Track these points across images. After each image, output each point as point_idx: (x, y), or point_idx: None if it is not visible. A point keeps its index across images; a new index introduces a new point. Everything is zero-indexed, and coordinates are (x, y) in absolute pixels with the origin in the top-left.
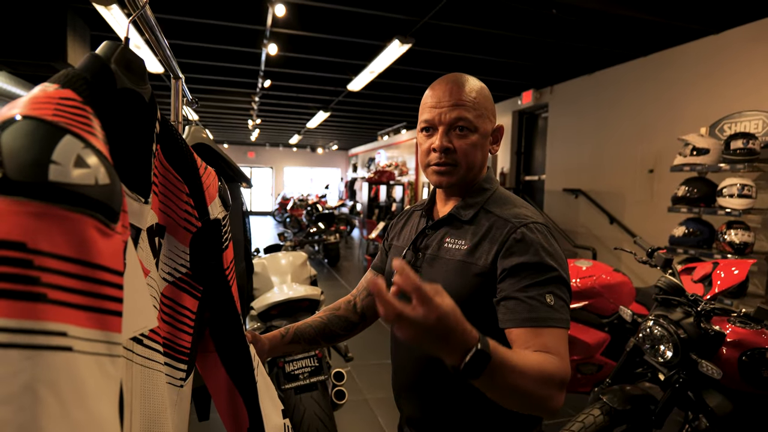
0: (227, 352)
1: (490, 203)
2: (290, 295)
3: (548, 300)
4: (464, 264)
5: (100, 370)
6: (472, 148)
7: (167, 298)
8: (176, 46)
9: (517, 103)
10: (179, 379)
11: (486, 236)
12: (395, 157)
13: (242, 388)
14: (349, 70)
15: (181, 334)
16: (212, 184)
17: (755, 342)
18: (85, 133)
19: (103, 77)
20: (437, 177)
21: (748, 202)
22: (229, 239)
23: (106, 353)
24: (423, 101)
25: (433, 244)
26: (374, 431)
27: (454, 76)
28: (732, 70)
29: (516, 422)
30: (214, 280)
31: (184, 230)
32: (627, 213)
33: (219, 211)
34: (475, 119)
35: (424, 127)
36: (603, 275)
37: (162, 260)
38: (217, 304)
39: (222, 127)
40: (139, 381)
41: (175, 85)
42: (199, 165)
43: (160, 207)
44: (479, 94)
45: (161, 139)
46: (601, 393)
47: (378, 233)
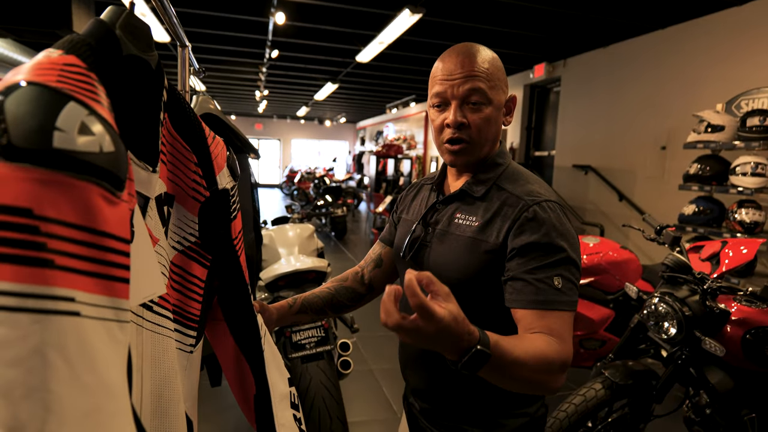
0: (235, 320)
1: (503, 179)
2: (297, 267)
3: (556, 283)
4: (475, 241)
5: (108, 336)
6: (486, 123)
7: (177, 267)
8: (182, 14)
9: (529, 76)
10: (189, 345)
11: (498, 213)
12: (404, 130)
13: (249, 356)
14: (358, 40)
15: (190, 301)
16: (221, 154)
17: (760, 321)
18: (89, 100)
19: (108, 43)
20: (451, 157)
21: (761, 181)
22: (237, 209)
23: (113, 319)
24: (433, 74)
25: (443, 219)
26: (379, 401)
27: (465, 46)
28: (753, 45)
29: (519, 397)
30: (222, 250)
31: (193, 200)
32: (637, 190)
33: (227, 181)
34: (489, 91)
35: (436, 103)
36: (610, 252)
37: (171, 229)
38: (225, 274)
39: (229, 98)
40: (149, 346)
41: (181, 54)
42: (207, 134)
43: (169, 176)
44: (491, 64)
45: (169, 107)
46: (603, 368)
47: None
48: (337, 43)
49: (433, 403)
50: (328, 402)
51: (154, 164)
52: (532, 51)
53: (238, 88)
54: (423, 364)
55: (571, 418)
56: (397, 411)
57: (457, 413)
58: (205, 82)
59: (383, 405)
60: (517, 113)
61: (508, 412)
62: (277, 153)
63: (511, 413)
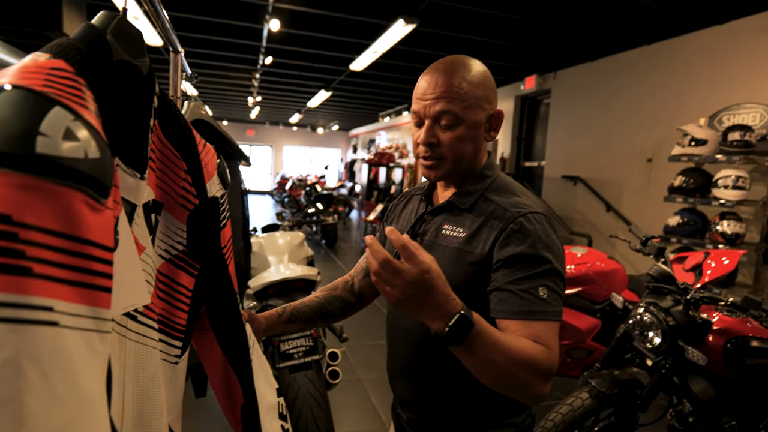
0: (223, 330)
1: (490, 191)
2: (287, 275)
3: (541, 293)
4: (461, 252)
5: (88, 347)
6: (457, 142)
7: (163, 275)
8: (175, 19)
9: (520, 88)
10: (174, 356)
11: (484, 225)
12: (396, 139)
13: (237, 367)
14: (353, 49)
15: (176, 311)
16: (211, 162)
17: (740, 330)
18: (75, 105)
19: (99, 48)
20: (426, 171)
21: (741, 194)
22: (227, 218)
23: (94, 329)
24: (414, 90)
25: (431, 230)
26: (367, 411)
27: (444, 63)
28: (735, 62)
29: (507, 406)
30: (210, 258)
31: (182, 207)
32: (624, 201)
33: (217, 189)
34: (461, 111)
35: (414, 120)
36: (597, 262)
37: (158, 237)
38: (213, 283)
39: (221, 103)
40: (132, 357)
41: (174, 59)
42: (198, 142)
43: (157, 183)
44: (469, 83)
45: (159, 114)
46: (589, 377)
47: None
48: (332, 51)
49: (421, 414)
50: (315, 412)
51: (143, 171)
52: (523, 63)
53: (231, 93)
54: (411, 374)
55: (558, 428)
56: (385, 421)
57: (445, 424)
58: (198, 87)
59: (371, 415)
60: (507, 124)
61: (495, 423)
62: (268, 159)
63: (497, 423)
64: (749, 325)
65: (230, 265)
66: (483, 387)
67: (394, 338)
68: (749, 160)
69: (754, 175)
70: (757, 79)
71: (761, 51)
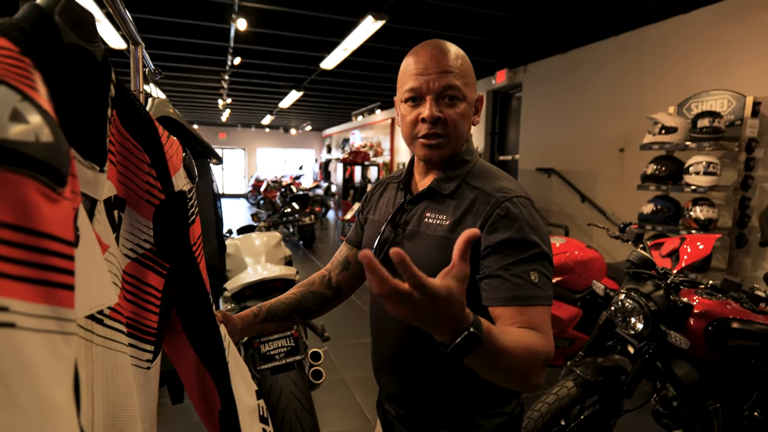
0: (195, 332)
1: (472, 176)
2: (264, 276)
3: (533, 277)
4: (446, 240)
5: (51, 350)
6: (461, 119)
7: (130, 276)
8: (138, 20)
9: (491, 82)
10: (146, 361)
11: (469, 211)
12: (370, 137)
13: (212, 370)
14: (322, 47)
15: (146, 313)
16: (176, 154)
17: (721, 312)
18: (22, 85)
19: (45, 29)
20: (427, 150)
21: (712, 180)
22: (195, 213)
23: (56, 330)
24: (404, 69)
25: (413, 219)
26: (352, 410)
27: (436, 41)
28: (700, 49)
29: (496, 396)
30: (180, 257)
31: (147, 203)
32: (598, 191)
33: (184, 183)
34: (463, 87)
35: (410, 97)
36: (576, 251)
37: (123, 235)
38: (183, 282)
39: (191, 107)
40: (101, 363)
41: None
42: (161, 134)
43: (119, 178)
44: (464, 60)
45: (117, 103)
46: (574, 366)
47: (353, 214)
48: (301, 50)
49: (409, 408)
50: (299, 414)
51: (102, 163)
52: (493, 57)
53: (200, 96)
54: (398, 368)
55: (545, 418)
56: (371, 419)
57: (434, 416)
58: (165, 90)
59: (357, 414)
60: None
61: (484, 413)
62: (241, 162)
63: (487, 413)
64: (729, 307)
65: (201, 263)
66: (472, 377)
67: (379, 331)
68: (719, 146)
69: (724, 160)
70: (722, 66)
71: (725, 38)
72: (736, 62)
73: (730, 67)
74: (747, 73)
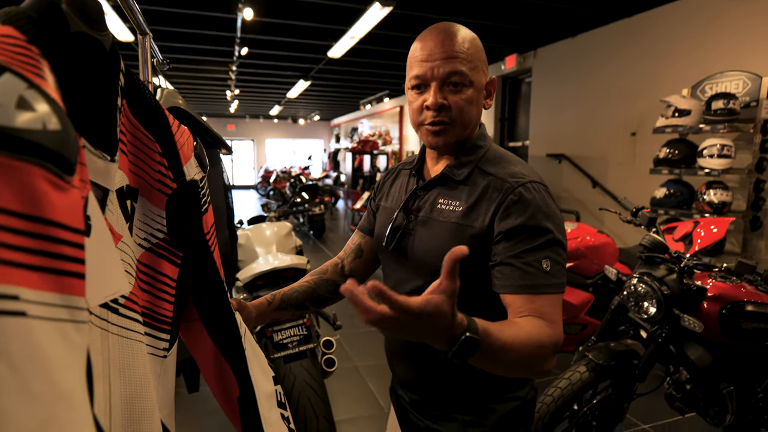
0: (212, 319)
1: (485, 162)
2: (276, 265)
3: (544, 265)
4: (459, 226)
5: (63, 338)
6: (467, 104)
7: (144, 265)
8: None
9: (501, 68)
10: (162, 350)
11: (483, 197)
12: (378, 126)
13: (229, 357)
14: (329, 35)
15: (161, 302)
16: (187, 143)
17: (735, 295)
18: (29, 73)
19: (53, 18)
20: (432, 137)
21: (727, 162)
22: (208, 202)
23: (67, 319)
24: (411, 55)
25: (425, 205)
26: (365, 397)
27: (445, 25)
28: (714, 30)
29: (509, 381)
30: (193, 245)
31: (159, 192)
32: (609, 176)
33: (196, 172)
34: (470, 72)
35: (416, 84)
36: (587, 237)
37: (136, 225)
38: (198, 271)
39: (199, 98)
40: (117, 352)
41: (142, 42)
42: (171, 123)
43: (131, 168)
44: (472, 44)
45: (127, 93)
46: (586, 350)
47: (363, 203)
48: (308, 38)
49: (423, 394)
50: (313, 401)
51: (113, 153)
52: (502, 42)
53: (208, 87)
54: (410, 354)
55: (558, 402)
56: (384, 406)
57: (448, 402)
58: (173, 82)
59: (370, 401)
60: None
61: (498, 397)
62: (251, 153)
63: (501, 398)
64: (744, 290)
65: (215, 252)
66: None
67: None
68: (733, 128)
69: (738, 143)
70: (738, 47)
71: (742, 19)
72: (751, 43)
73: (745, 47)
74: (763, 54)
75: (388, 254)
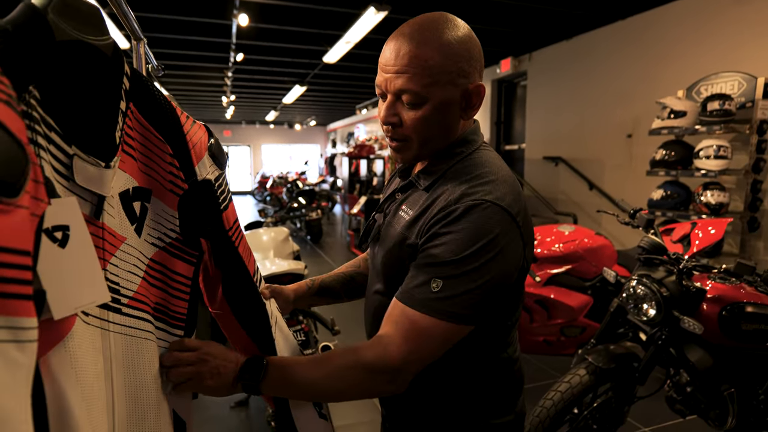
0: (242, 311)
1: (453, 172)
2: (273, 270)
3: (433, 285)
4: (402, 236)
5: (3, 358)
6: (422, 123)
7: (157, 263)
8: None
9: (496, 71)
10: None
11: (428, 209)
12: (375, 131)
13: (261, 346)
14: (325, 41)
15: (174, 300)
16: (200, 142)
17: (735, 296)
18: None
19: (33, 29)
20: (393, 153)
21: (723, 163)
22: (228, 199)
23: (10, 339)
24: (380, 55)
25: (392, 209)
26: (364, 403)
27: (413, 26)
28: (709, 32)
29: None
30: (216, 243)
31: (171, 193)
32: (606, 179)
33: (210, 171)
34: (423, 89)
35: (379, 93)
36: (585, 239)
37: (149, 225)
38: (224, 266)
39: (195, 104)
40: (120, 349)
41: (136, 48)
42: (183, 122)
43: (142, 169)
44: (440, 52)
45: (134, 96)
46: (586, 353)
47: (360, 208)
48: (304, 44)
49: (389, 410)
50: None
51: (108, 158)
52: (497, 46)
53: (204, 94)
54: None
55: (558, 406)
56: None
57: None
58: (169, 89)
59: (369, 407)
60: (486, 108)
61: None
62: (247, 159)
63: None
64: (743, 291)
65: (240, 246)
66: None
67: (367, 332)
68: (729, 129)
69: (735, 143)
70: (733, 48)
71: (736, 20)
72: (746, 44)
73: (739, 48)
74: (758, 55)
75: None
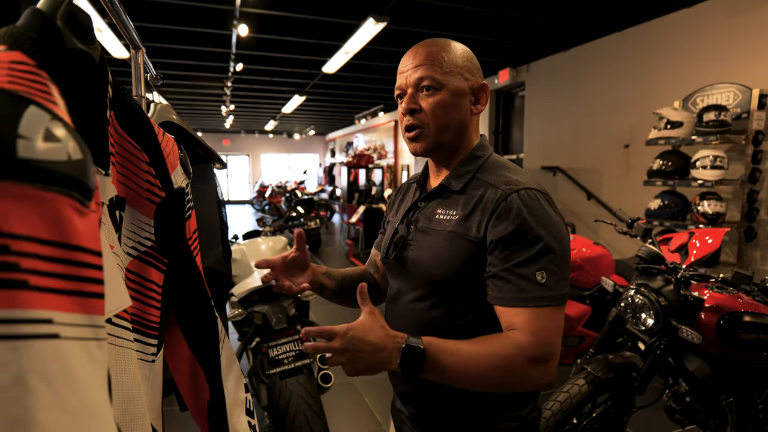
0: (191, 325)
1: (482, 171)
2: None
3: (539, 278)
4: (456, 234)
5: (88, 356)
6: (439, 107)
7: (133, 273)
8: (140, 29)
9: (494, 82)
10: (150, 354)
11: (477, 205)
12: (374, 140)
13: (205, 362)
14: (324, 51)
15: (148, 308)
16: (173, 152)
17: (733, 306)
18: (48, 102)
19: (50, 36)
20: (411, 144)
21: (720, 173)
22: (191, 208)
23: (92, 337)
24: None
25: (424, 216)
26: (362, 413)
27: (428, 40)
28: (704, 43)
29: (510, 399)
30: (177, 251)
31: (148, 202)
32: (604, 189)
33: (182, 180)
34: (441, 76)
35: (398, 95)
36: (583, 249)
37: (125, 234)
38: (180, 275)
39: (194, 114)
40: (111, 360)
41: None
42: (156, 132)
43: (119, 178)
44: (449, 53)
45: (114, 104)
46: (585, 363)
47: (358, 217)
48: (303, 54)
49: (421, 408)
50: (309, 417)
51: (106, 167)
52: (496, 57)
53: (203, 103)
54: None
55: (557, 416)
56: (381, 423)
57: (446, 418)
58: (169, 99)
59: (367, 417)
60: (484, 119)
61: (498, 416)
62: (246, 169)
63: (501, 417)
64: (741, 301)
65: (197, 257)
66: None
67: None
68: (726, 139)
69: (731, 154)
70: (728, 59)
71: (730, 31)
72: (741, 55)
73: (735, 60)
74: (753, 66)
75: (390, 265)
